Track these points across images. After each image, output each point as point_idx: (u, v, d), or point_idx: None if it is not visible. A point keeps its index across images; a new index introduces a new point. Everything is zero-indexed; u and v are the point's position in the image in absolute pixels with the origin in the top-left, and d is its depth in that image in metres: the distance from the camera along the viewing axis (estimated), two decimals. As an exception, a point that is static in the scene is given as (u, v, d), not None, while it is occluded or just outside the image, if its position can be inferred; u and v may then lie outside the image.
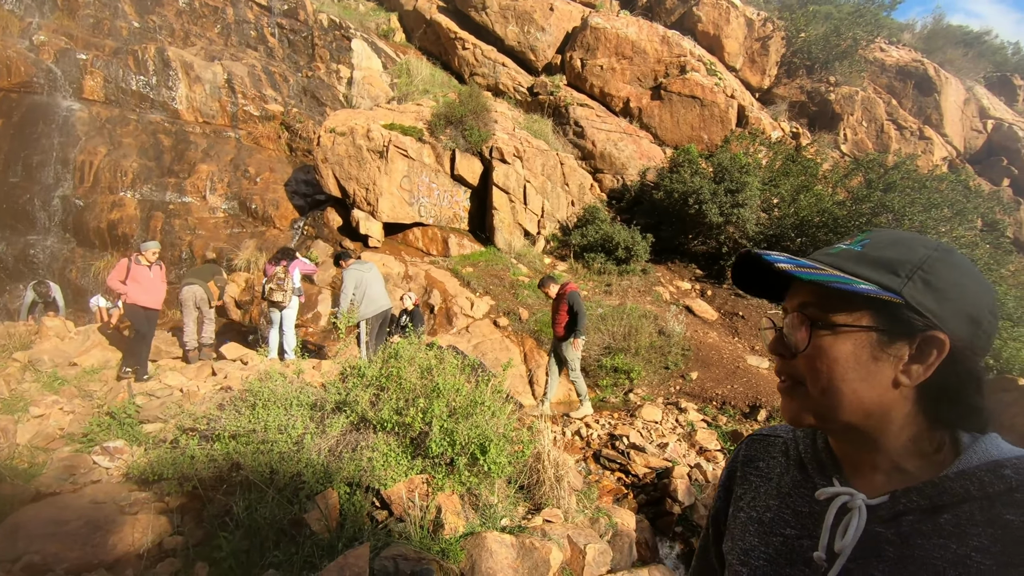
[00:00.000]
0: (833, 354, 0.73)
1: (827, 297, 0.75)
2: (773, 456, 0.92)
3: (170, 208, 10.18)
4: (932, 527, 0.69)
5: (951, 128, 17.22)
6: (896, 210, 9.64)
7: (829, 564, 0.73)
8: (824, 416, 0.75)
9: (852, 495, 0.74)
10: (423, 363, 4.42)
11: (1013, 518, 0.66)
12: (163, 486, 3.82)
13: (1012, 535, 0.65)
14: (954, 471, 0.71)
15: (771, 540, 0.82)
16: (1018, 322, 9.70)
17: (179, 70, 11.73)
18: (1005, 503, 0.67)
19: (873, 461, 0.77)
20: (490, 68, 14.80)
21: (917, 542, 0.69)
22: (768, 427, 1.02)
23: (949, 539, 0.68)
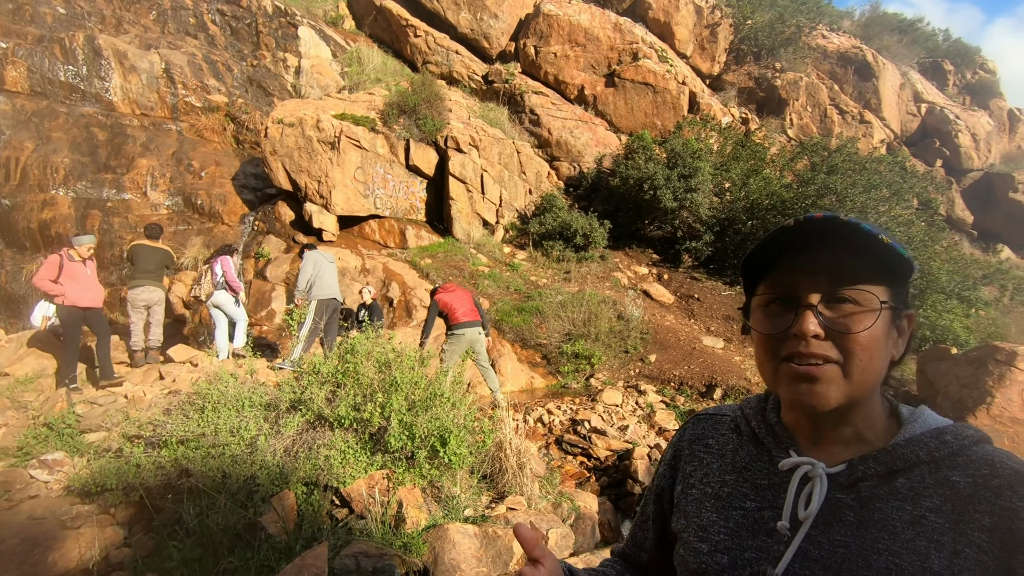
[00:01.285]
0: (876, 331, 0.74)
1: (865, 273, 0.74)
2: (722, 433, 0.93)
3: (108, 206, 9.65)
4: (889, 491, 0.74)
5: (889, 112, 18.02)
6: (839, 191, 10.05)
7: (792, 532, 0.75)
8: (853, 396, 0.75)
9: (813, 464, 0.77)
10: (381, 357, 4.35)
11: (959, 479, 0.73)
12: (108, 497, 3.65)
13: (959, 495, 0.72)
14: (903, 439, 0.76)
15: (731, 514, 0.83)
16: (951, 295, 10.30)
17: (112, 59, 11.07)
18: (951, 466, 0.74)
19: (838, 434, 0.80)
20: (443, 56, 14.58)
21: (876, 505, 0.74)
22: (712, 407, 1.03)
23: (905, 501, 0.73)
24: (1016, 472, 0.71)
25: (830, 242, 0.75)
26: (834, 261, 0.75)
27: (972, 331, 10.19)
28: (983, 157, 19.23)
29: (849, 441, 0.80)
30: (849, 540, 0.73)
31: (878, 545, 0.71)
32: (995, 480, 0.71)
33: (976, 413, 5.89)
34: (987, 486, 0.71)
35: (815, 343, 0.74)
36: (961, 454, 0.74)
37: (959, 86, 22.80)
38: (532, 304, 8.86)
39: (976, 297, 10.90)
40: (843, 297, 0.74)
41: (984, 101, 22.31)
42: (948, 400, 6.33)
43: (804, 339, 0.74)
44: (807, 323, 0.74)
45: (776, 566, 0.74)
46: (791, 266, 0.78)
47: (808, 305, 0.75)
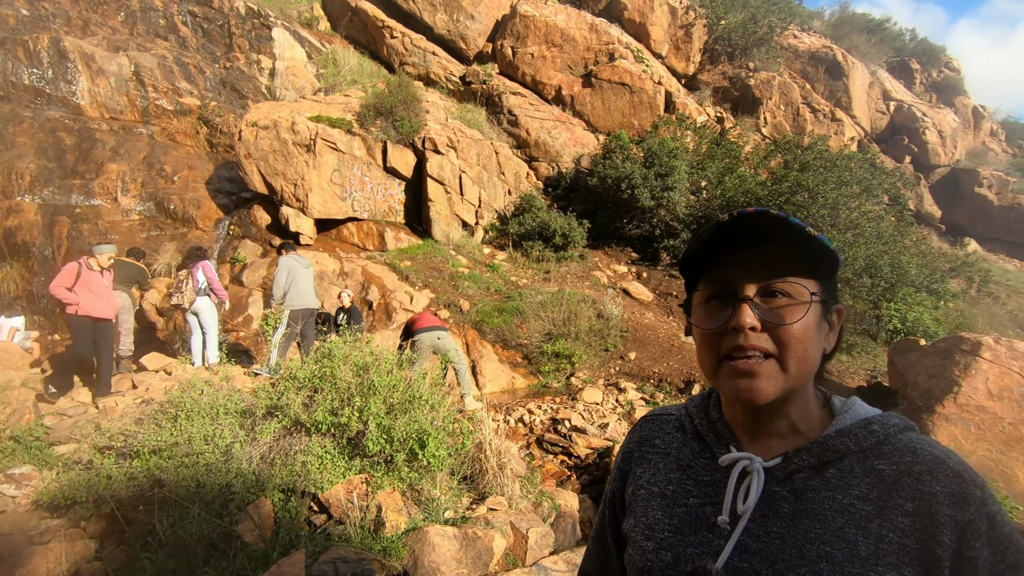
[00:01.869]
0: (808, 322, 0.76)
1: (795, 267, 0.77)
2: (668, 432, 0.95)
3: (77, 212, 9.42)
4: (821, 482, 0.77)
5: (859, 110, 18.43)
6: (811, 188, 10.25)
7: (732, 526, 0.77)
8: (789, 387, 0.77)
9: (751, 459, 0.80)
10: (359, 361, 4.32)
11: (884, 467, 0.76)
12: (78, 511, 3.57)
13: (885, 482, 0.75)
14: (834, 430, 0.79)
15: (675, 512, 0.84)
16: (920, 288, 10.58)
17: (79, 62, 10.81)
18: (877, 455, 0.77)
19: (774, 427, 0.82)
20: (420, 57, 14.52)
21: (809, 496, 0.76)
22: (660, 407, 1.05)
23: (835, 491, 0.76)
24: (936, 458, 0.75)
25: (764, 238, 0.77)
26: (767, 256, 0.78)
27: (941, 323, 10.49)
28: (949, 153, 19.78)
29: (785, 433, 0.82)
30: (784, 531, 0.75)
31: (811, 535, 0.73)
32: (916, 466, 0.74)
33: (944, 402, 6.07)
34: (909, 472, 0.74)
35: (752, 336, 0.76)
36: (887, 443, 0.78)
37: (926, 84, 23.42)
38: (512, 304, 8.87)
39: (944, 289, 11.22)
40: (776, 290, 0.77)
41: (949, 99, 22.96)
42: (917, 390, 6.51)
43: (742, 332, 0.75)
44: (744, 316, 0.76)
45: (717, 560, 0.76)
46: (728, 262, 0.80)
47: (745, 298, 0.77)
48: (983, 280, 13.10)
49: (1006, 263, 19.08)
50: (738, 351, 0.76)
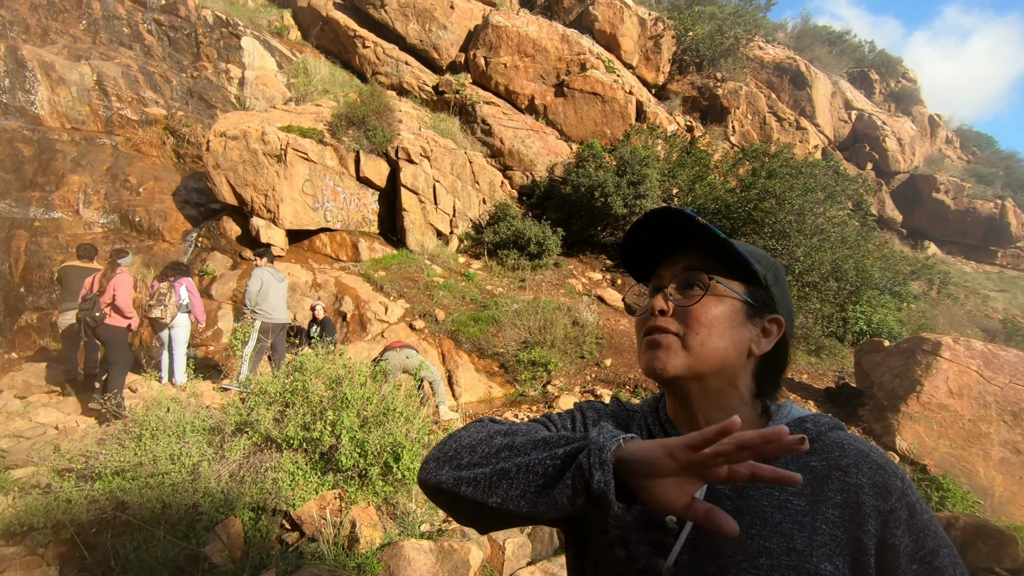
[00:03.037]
0: (716, 312, 0.84)
1: (712, 264, 0.87)
2: (633, 429, 0.98)
3: (35, 225, 9.09)
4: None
5: (822, 119, 19.02)
6: (778, 195, 10.51)
7: (680, 525, 0.80)
8: (694, 367, 0.84)
9: None
10: (331, 374, 4.26)
11: (816, 463, 0.81)
12: (35, 537, 3.43)
13: (816, 477, 0.80)
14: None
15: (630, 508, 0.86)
16: (884, 290, 10.91)
17: (37, 70, 10.48)
18: (809, 452, 0.81)
19: (699, 418, 0.87)
20: (393, 67, 14.50)
21: (749, 493, 0.80)
22: (628, 403, 1.07)
23: (773, 488, 0.79)
24: (861, 452, 0.81)
25: (688, 242, 0.89)
26: (691, 257, 0.89)
27: (904, 324, 10.83)
28: (908, 160, 20.53)
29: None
30: None
31: (751, 531, 0.77)
32: (844, 460, 0.80)
33: (908, 401, 6.26)
34: (838, 466, 0.79)
35: (661, 318, 0.85)
36: (818, 440, 0.83)
37: (884, 94, 24.31)
38: (488, 313, 8.86)
39: (907, 291, 11.59)
40: (689, 281, 0.87)
41: (907, 108, 23.87)
42: (883, 390, 6.70)
43: (655, 313, 0.86)
44: (656, 301, 0.87)
45: (667, 558, 0.79)
46: (662, 263, 0.92)
47: (661, 288, 0.89)
48: (943, 282, 13.58)
49: (964, 265, 19.85)
50: (650, 331, 0.86)
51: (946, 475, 5.76)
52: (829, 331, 10.10)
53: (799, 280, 10.27)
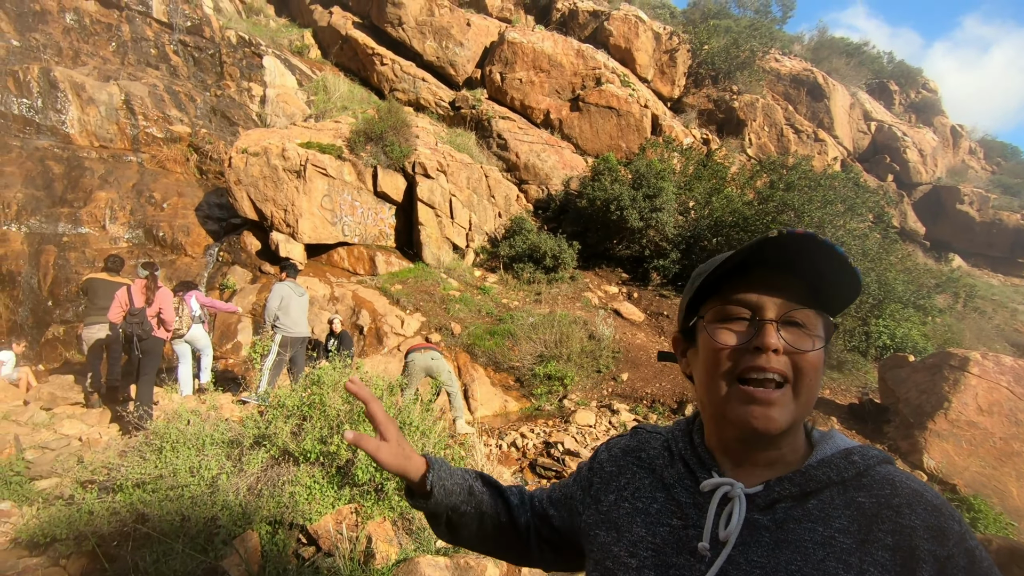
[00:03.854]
0: (821, 356, 0.79)
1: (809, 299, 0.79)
2: (655, 448, 0.95)
3: (64, 240, 9.35)
4: (802, 512, 0.76)
5: (841, 130, 18.84)
6: (797, 207, 10.40)
7: (713, 552, 0.76)
8: (796, 419, 0.78)
9: (732, 485, 0.80)
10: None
11: (864, 500, 0.75)
12: (58, 548, 3.47)
13: (865, 515, 0.74)
14: (815, 460, 0.79)
15: (658, 531, 0.84)
16: (907, 304, 10.68)
17: (69, 91, 10.86)
18: (857, 487, 0.77)
19: (763, 457, 0.82)
20: (410, 83, 14.73)
21: (790, 526, 0.76)
22: (650, 425, 1.05)
23: (816, 523, 0.75)
24: (914, 491, 0.75)
25: (788, 264, 0.78)
26: (787, 283, 0.79)
27: (929, 338, 10.57)
28: (931, 171, 20.20)
29: (773, 462, 0.82)
30: (764, 560, 0.74)
31: (791, 567, 0.72)
32: (896, 499, 0.74)
33: (935, 418, 6.08)
34: (889, 505, 0.74)
35: (774, 358, 0.75)
36: (867, 474, 0.78)
37: (904, 105, 24.01)
38: (504, 327, 8.85)
39: (931, 305, 11.32)
40: (795, 319, 0.78)
41: (928, 118, 23.53)
42: (909, 406, 6.52)
43: (765, 353, 0.75)
44: (771, 336, 0.75)
45: None
46: (751, 282, 0.80)
47: (769, 320, 0.77)
48: (969, 295, 13.25)
49: (990, 277, 19.36)
50: (757, 372, 0.76)
51: (977, 495, 5.57)
52: (851, 345, 9.90)
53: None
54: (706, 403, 0.84)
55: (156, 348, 5.79)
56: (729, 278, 0.81)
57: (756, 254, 0.77)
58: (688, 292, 0.87)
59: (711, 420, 0.86)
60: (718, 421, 0.83)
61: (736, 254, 0.77)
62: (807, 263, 0.77)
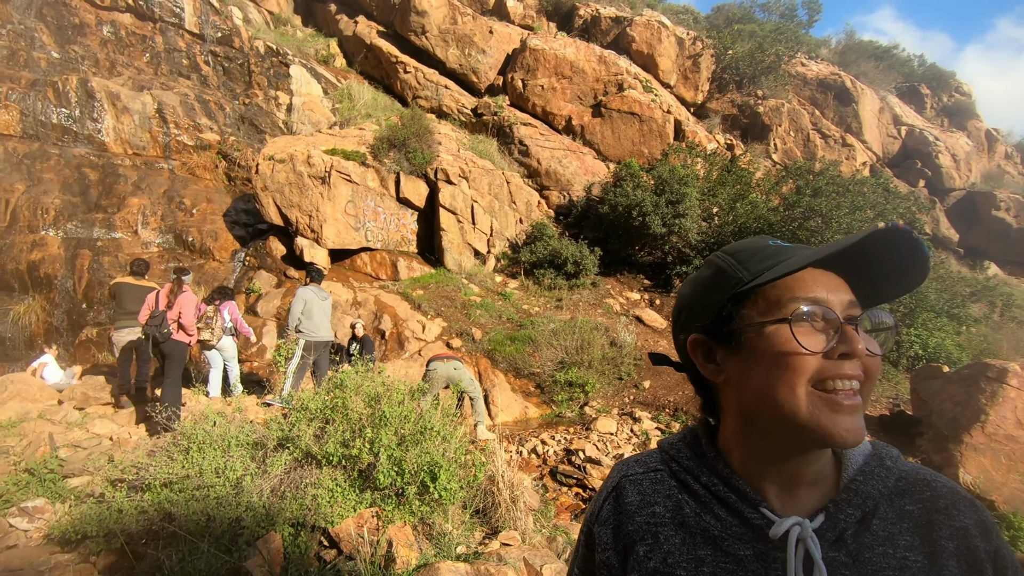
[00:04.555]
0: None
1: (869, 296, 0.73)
2: (667, 495, 0.79)
3: (98, 245, 9.65)
4: (871, 538, 0.69)
5: (870, 135, 18.44)
6: (824, 213, 10.19)
7: None
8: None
9: (801, 523, 0.68)
10: (370, 391, 4.30)
11: (912, 508, 0.71)
12: (88, 545, 3.55)
13: (919, 525, 0.70)
14: (855, 472, 0.73)
15: None
16: (940, 313, 10.36)
17: (104, 101, 11.24)
18: (901, 494, 0.72)
19: (811, 472, 0.73)
20: (433, 91, 14.88)
21: (866, 557, 0.68)
22: (634, 461, 0.88)
23: (886, 545, 0.68)
24: (952, 490, 0.73)
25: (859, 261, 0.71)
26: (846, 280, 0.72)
27: (964, 348, 10.22)
28: (964, 176, 19.61)
29: (817, 480, 0.74)
30: None
31: None
32: (941, 501, 0.71)
33: (971, 431, 5.87)
34: (936, 508, 0.71)
35: (857, 364, 0.67)
36: (904, 478, 0.74)
37: (936, 109, 23.40)
38: (524, 333, 8.83)
39: (966, 314, 10.96)
40: (856, 319, 0.70)
41: (962, 122, 22.88)
42: (943, 419, 6.30)
43: (853, 359, 0.67)
44: (860, 342, 0.67)
45: None
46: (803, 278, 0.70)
47: (850, 322, 0.68)
48: (1006, 304, 12.80)
49: (1029, 286, 18.67)
50: (843, 380, 0.66)
51: (1017, 513, 5.34)
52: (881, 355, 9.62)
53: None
54: (765, 414, 0.70)
55: (177, 352, 5.89)
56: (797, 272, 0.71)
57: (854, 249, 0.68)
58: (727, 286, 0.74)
59: (767, 436, 0.72)
60: (782, 436, 0.70)
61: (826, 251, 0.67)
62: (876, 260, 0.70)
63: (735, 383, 0.74)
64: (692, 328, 0.79)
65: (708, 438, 0.81)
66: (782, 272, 0.68)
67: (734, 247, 0.78)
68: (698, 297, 0.79)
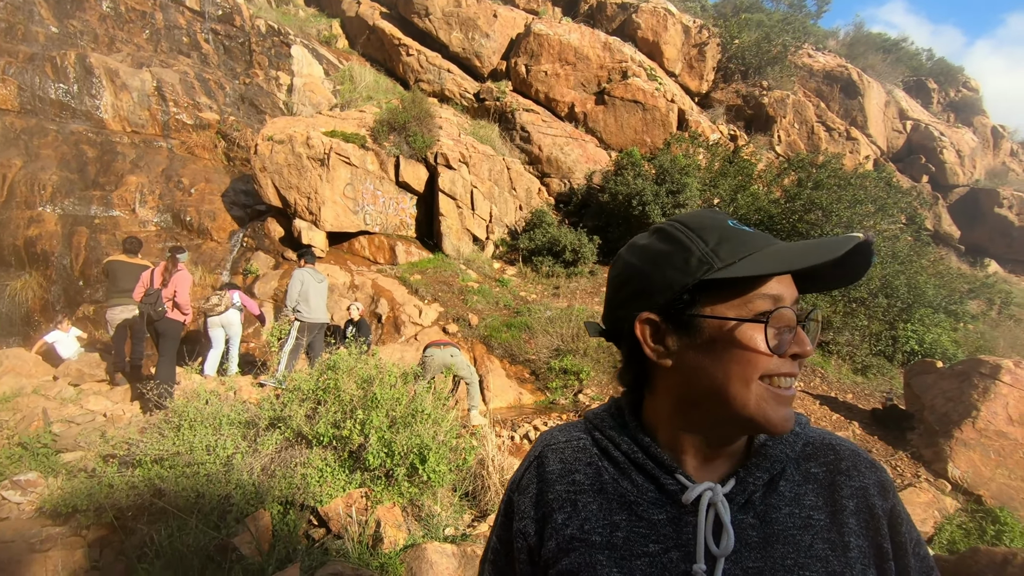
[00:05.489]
0: None
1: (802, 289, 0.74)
2: (588, 463, 0.80)
3: (95, 223, 9.62)
4: (778, 499, 0.72)
5: (875, 129, 18.29)
6: (824, 207, 10.14)
7: (708, 573, 0.68)
8: None
9: (712, 488, 0.71)
10: (363, 374, 4.31)
11: (816, 470, 0.75)
12: (79, 519, 3.58)
13: (823, 485, 0.74)
14: (764, 437, 0.76)
15: (634, 564, 0.71)
16: (938, 309, 10.36)
17: (103, 77, 11.13)
18: (807, 458, 0.76)
19: (732, 448, 0.76)
20: (435, 74, 14.74)
21: (772, 517, 0.71)
22: (558, 430, 0.87)
23: (792, 506, 0.72)
24: (854, 452, 0.77)
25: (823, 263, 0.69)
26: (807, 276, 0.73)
27: (960, 345, 10.23)
28: (968, 173, 19.50)
29: (735, 451, 0.76)
30: (760, 564, 0.68)
31: (787, 561, 0.68)
32: (843, 463, 0.75)
33: (962, 427, 5.90)
34: (839, 470, 0.74)
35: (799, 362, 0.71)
36: (808, 443, 0.77)
37: (943, 104, 23.21)
38: (521, 320, 8.84)
39: (963, 311, 10.96)
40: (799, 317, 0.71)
41: (968, 118, 22.70)
42: (934, 413, 6.33)
43: (801, 358, 0.70)
44: (809, 344, 0.70)
45: None
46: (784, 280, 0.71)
47: (802, 324, 0.70)
48: (1004, 302, 12.80)
49: (1028, 285, 18.65)
50: (788, 378, 0.69)
51: (1003, 507, 5.38)
52: (877, 350, 9.64)
53: (845, 295, 9.85)
54: (713, 402, 0.70)
55: (171, 330, 5.90)
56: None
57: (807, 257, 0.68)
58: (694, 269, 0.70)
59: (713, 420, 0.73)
60: (725, 422, 0.72)
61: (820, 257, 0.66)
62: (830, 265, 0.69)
63: (684, 370, 0.72)
64: (641, 305, 0.74)
65: (631, 409, 0.82)
66: (764, 271, 0.67)
67: (693, 221, 0.74)
68: (653, 272, 0.74)
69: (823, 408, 7.51)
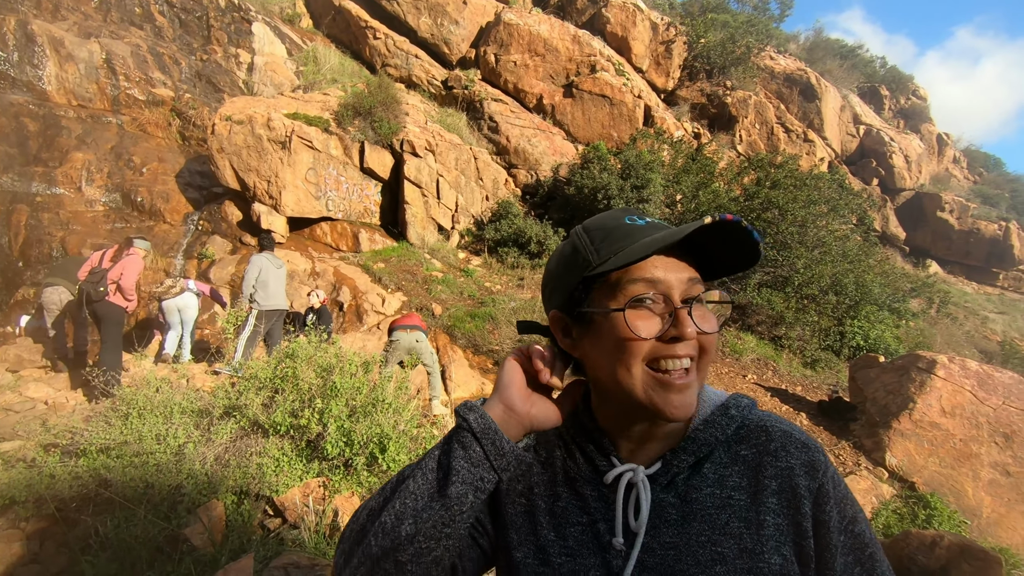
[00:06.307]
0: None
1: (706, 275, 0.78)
2: (547, 442, 0.88)
3: (37, 200, 9.09)
4: (700, 480, 0.77)
5: (830, 132, 18.98)
6: (781, 206, 10.49)
7: (628, 545, 0.75)
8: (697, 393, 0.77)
9: (633, 470, 0.78)
10: (322, 362, 4.24)
11: (746, 452, 0.78)
12: (17, 511, 3.42)
13: (749, 466, 0.77)
14: (700, 422, 0.80)
15: (568, 531, 0.79)
16: (883, 307, 10.89)
17: (47, 46, 10.47)
18: (740, 440, 0.79)
19: (664, 430, 0.79)
20: (403, 59, 14.47)
21: (693, 497, 0.76)
22: None
23: (714, 486, 0.77)
24: (785, 432, 0.78)
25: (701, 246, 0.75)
26: (689, 262, 0.75)
27: (902, 341, 10.81)
28: (915, 177, 20.49)
29: (664, 436, 0.80)
30: (677, 539, 0.74)
31: (701, 538, 0.73)
32: (772, 444, 0.77)
33: (900, 418, 6.24)
34: (767, 451, 0.77)
35: (690, 344, 0.72)
36: (744, 425, 0.80)
37: (894, 110, 24.26)
38: (485, 310, 8.84)
39: (906, 309, 11.56)
40: (696, 297, 0.74)
41: (916, 125, 23.82)
42: (875, 405, 6.68)
43: (683, 341, 0.71)
44: (691, 326, 0.71)
45: None
46: (655, 264, 0.73)
47: (683, 306, 0.72)
48: (942, 301, 13.55)
49: (965, 285, 19.82)
50: (673, 361, 0.71)
51: (934, 493, 5.74)
52: (826, 345, 10.08)
53: (798, 292, 10.25)
54: (612, 390, 0.76)
55: (112, 314, 5.66)
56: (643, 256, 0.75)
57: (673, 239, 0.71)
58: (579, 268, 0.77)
59: (617, 406, 0.79)
60: (628, 408, 0.77)
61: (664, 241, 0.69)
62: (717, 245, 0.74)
63: (588, 361, 0.80)
64: (554, 303, 0.84)
65: (584, 397, 0.88)
66: (622, 262, 0.71)
67: (592, 223, 0.81)
68: (559, 274, 0.82)
69: (773, 400, 7.81)
